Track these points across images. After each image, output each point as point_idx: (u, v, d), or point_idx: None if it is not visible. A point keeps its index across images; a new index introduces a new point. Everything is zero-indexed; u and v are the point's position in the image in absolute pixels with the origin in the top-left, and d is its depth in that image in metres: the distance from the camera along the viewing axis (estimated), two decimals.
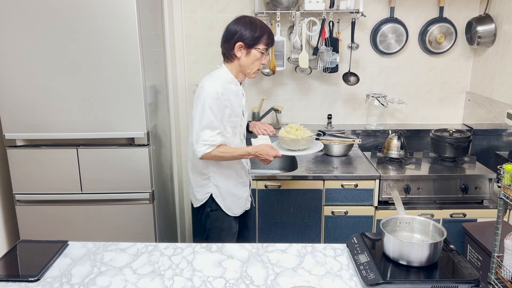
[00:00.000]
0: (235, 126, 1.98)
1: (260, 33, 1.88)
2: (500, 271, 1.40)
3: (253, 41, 1.88)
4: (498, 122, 2.61)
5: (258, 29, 1.88)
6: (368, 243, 1.55)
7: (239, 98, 1.98)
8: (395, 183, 2.47)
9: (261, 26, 1.89)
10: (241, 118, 2.01)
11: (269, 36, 1.91)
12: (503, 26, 2.59)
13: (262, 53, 1.90)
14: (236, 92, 1.96)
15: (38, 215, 2.28)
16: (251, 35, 1.87)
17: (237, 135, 2.01)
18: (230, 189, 2.05)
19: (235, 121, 1.98)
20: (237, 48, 1.89)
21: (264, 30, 1.89)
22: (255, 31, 1.87)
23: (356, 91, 3.01)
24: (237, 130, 2.01)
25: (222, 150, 1.90)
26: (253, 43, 1.88)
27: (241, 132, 2.04)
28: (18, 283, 1.39)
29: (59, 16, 2.02)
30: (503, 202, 1.38)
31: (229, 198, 2.06)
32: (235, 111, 1.95)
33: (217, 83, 1.89)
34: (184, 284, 1.38)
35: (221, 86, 1.88)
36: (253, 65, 1.93)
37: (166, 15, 2.62)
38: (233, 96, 1.94)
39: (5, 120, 2.15)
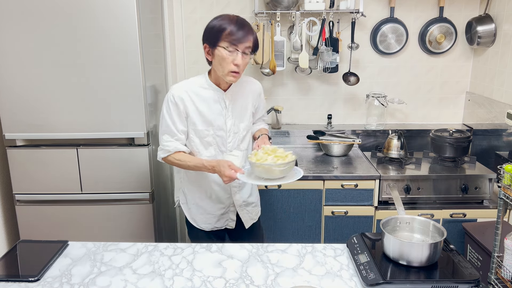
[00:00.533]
0: (202, 136, 1.78)
1: (220, 29, 1.63)
2: (500, 271, 1.40)
3: (213, 39, 1.65)
4: (498, 122, 2.61)
5: (218, 25, 1.64)
6: (368, 243, 1.55)
7: (216, 106, 1.77)
8: (395, 183, 2.47)
9: (222, 21, 1.64)
10: (217, 128, 1.78)
11: (231, 32, 1.62)
12: (503, 26, 2.59)
13: (229, 51, 1.63)
14: (211, 98, 1.76)
15: (38, 215, 2.28)
16: (212, 33, 1.65)
17: (211, 147, 1.80)
18: (196, 200, 1.91)
19: (201, 131, 1.77)
20: (205, 51, 1.71)
21: (224, 25, 1.63)
22: (214, 29, 1.64)
23: (356, 91, 3.01)
24: (209, 141, 1.79)
25: (177, 158, 1.77)
26: (214, 41, 1.65)
27: (219, 144, 1.81)
28: (18, 283, 1.39)
29: (59, 16, 2.02)
30: (503, 202, 1.38)
31: (195, 209, 1.93)
32: (202, 119, 1.75)
33: (180, 86, 1.75)
34: (184, 284, 1.38)
35: (182, 90, 1.74)
36: (222, 66, 1.66)
37: (166, 15, 2.62)
38: (203, 103, 1.75)
39: (5, 120, 2.15)
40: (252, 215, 1.99)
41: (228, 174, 1.64)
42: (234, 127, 1.82)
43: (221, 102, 1.78)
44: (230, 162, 1.67)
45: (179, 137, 1.76)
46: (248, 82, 1.87)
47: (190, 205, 1.94)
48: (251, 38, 1.66)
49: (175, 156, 1.77)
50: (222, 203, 1.91)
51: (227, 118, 1.79)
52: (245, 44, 1.64)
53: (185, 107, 1.74)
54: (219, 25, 1.63)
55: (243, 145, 1.87)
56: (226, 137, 1.81)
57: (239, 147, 1.85)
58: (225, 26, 1.62)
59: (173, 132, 1.75)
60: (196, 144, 1.80)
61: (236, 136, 1.83)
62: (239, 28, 1.63)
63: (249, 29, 1.66)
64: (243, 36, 1.63)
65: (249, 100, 1.86)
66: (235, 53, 1.64)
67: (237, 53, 1.64)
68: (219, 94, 1.77)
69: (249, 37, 1.65)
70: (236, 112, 1.81)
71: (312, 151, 2.90)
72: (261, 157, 1.66)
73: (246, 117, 1.85)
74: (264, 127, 2.03)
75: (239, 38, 1.62)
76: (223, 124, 1.79)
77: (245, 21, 1.68)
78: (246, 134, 1.87)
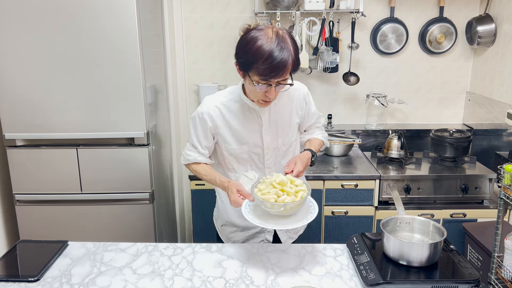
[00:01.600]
0: (235, 154, 1.64)
1: (253, 58, 1.37)
2: (500, 271, 1.39)
3: (243, 66, 1.42)
4: (498, 122, 2.60)
5: (253, 51, 1.36)
6: (368, 243, 1.55)
7: (251, 123, 1.60)
8: (395, 183, 2.47)
9: (258, 49, 1.35)
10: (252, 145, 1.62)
11: (264, 67, 1.35)
12: (503, 26, 2.59)
13: (261, 84, 1.40)
14: (245, 114, 1.59)
15: (38, 215, 2.27)
16: (243, 57, 1.41)
17: (247, 163, 1.66)
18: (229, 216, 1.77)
19: (235, 149, 1.63)
20: (236, 66, 1.49)
21: (259, 54, 1.35)
22: (248, 53, 1.38)
23: (356, 91, 3.00)
24: (244, 157, 1.64)
25: (195, 168, 1.70)
26: (245, 68, 1.42)
27: (255, 161, 1.66)
28: (18, 283, 1.39)
29: (59, 16, 2.02)
30: (503, 202, 1.38)
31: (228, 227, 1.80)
32: (235, 137, 1.61)
33: (212, 100, 1.61)
34: (184, 284, 1.38)
35: (212, 105, 1.60)
36: (252, 94, 1.49)
37: (166, 15, 2.62)
38: (236, 119, 1.59)
39: (5, 120, 2.15)
40: (291, 234, 1.80)
41: (233, 199, 1.48)
42: (273, 143, 1.64)
43: (256, 118, 1.60)
44: (241, 186, 1.51)
45: (200, 151, 1.67)
46: (288, 90, 1.54)
47: (223, 221, 1.81)
48: (288, 68, 1.38)
49: (193, 166, 1.71)
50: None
51: (264, 135, 1.61)
52: (280, 78, 1.40)
53: (214, 124, 1.61)
54: (254, 50, 1.36)
55: (285, 161, 1.67)
56: (264, 154, 1.65)
57: (281, 162, 1.68)
58: (261, 53, 1.35)
59: (195, 145, 1.67)
60: (230, 160, 1.67)
61: (275, 152, 1.66)
62: (276, 58, 1.34)
63: (287, 57, 1.37)
64: (280, 70, 1.36)
65: (291, 112, 1.65)
66: (267, 87, 1.42)
67: (270, 87, 1.42)
68: (254, 110, 1.59)
69: (285, 69, 1.37)
70: (275, 127, 1.62)
71: None
72: (265, 187, 1.45)
73: (287, 131, 1.66)
74: (316, 137, 1.78)
75: (274, 74, 1.37)
76: (260, 141, 1.62)
77: (285, 43, 1.37)
78: (288, 148, 1.69)
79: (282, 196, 1.41)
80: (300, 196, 1.42)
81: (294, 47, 1.40)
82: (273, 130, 1.63)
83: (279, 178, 1.45)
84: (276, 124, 1.63)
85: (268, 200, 1.38)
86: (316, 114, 1.77)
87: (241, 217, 1.69)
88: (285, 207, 1.38)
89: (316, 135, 1.80)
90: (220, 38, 2.91)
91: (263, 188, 1.45)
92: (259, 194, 1.43)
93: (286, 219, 1.43)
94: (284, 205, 1.37)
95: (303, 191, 1.44)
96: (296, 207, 1.41)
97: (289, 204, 1.38)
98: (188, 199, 3.01)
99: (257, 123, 1.61)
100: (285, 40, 1.38)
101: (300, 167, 1.53)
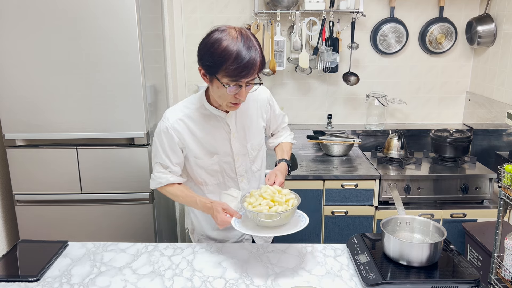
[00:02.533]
0: (206, 166, 1.58)
1: (219, 60, 1.31)
2: (500, 271, 1.39)
3: (210, 69, 1.36)
4: (498, 122, 2.60)
5: (218, 53, 1.31)
6: (368, 243, 1.55)
7: (219, 132, 1.55)
8: (395, 183, 2.47)
9: (225, 48, 1.30)
10: (223, 155, 1.58)
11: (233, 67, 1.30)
12: (503, 26, 2.59)
13: (230, 86, 1.35)
14: (212, 124, 1.54)
15: (38, 215, 2.27)
16: (209, 60, 1.34)
17: (218, 173, 1.61)
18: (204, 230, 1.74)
19: (204, 161, 1.57)
20: (200, 72, 1.42)
21: (226, 55, 1.30)
22: (213, 55, 1.32)
23: (356, 91, 3.00)
24: (215, 169, 1.59)
25: (169, 191, 1.62)
26: (212, 72, 1.36)
27: (226, 170, 1.61)
28: (18, 283, 1.39)
29: (59, 16, 2.02)
30: (503, 202, 1.38)
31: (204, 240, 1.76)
32: (205, 149, 1.56)
33: (174, 114, 1.54)
34: (184, 284, 1.38)
35: (176, 119, 1.52)
36: (221, 98, 1.42)
37: (166, 15, 2.62)
38: (203, 131, 1.54)
39: (5, 120, 2.15)
40: (267, 238, 1.81)
41: (221, 219, 1.44)
42: (242, 149, 1.61)
43: (224, 126, 1.56)
44: (226, 205, 1.47)
45: (172, 169, 1.58)
46: (252, 94, 1.55)
47: (199, 235, 1.78)
48: (257, 66, 1.36)
49: (167, 188, 1.62)
50: (233, 231, 1.71)
51: (233, 142, 1.58)
52: (250, 78, 1.37)
53: (181, 138, 1.54)
54: (220, 52, 1.31)
55: (255, 165, 1.67)
56: (234, 162, 1.61)
57: (251, 169, 1.67)
58: (228, 54, 1.30)
59: (166, 164, 1.57)
60: (200, 174, 1.61)
61: (245, 158, 1.63)
62: (245, 57, 1.31)
63: (255, 52, 1.34)
64: (249, 69, 1.33)
65: (257, 115, 1.64)
66: (237, 88, 1.37)
67: (240, 87, 1.38)
68: (220, 118, 1.55)
69: (255, 67, 1.34)
70: (243, 132, 1.60)
71: (312, 151, 2.90)
72: (255, 200, 1.43)
73: (255, 135, 1.64)
74: (285, 141, 1.78)
75: (244, 74, 1.33)
76: (229, 149, 1.58)
77: (249, 39, 1.35)
78: (257, 153, 1.67)
79: (274, 206, 1.41)
80: (291, 204, 1.43)
81: (258, 44, 1.37)
82: (241, 135, 1.60)
83: (267, 189, 1.45)
84: (243, 128, 1.60)
85: (262, 211, 1.37)
86: (281, 115, 1.77)
87: (215, 229, 1.71)
88: (281, 216, 1.37)
89: (285, 138, 1.79)
90: None
91: (253, 201, 1.43)
92: (250, 207, 1.41)
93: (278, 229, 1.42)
94: (280, 213, 1.37)
95: (293, 199, 1.45)
96: (290, 215, 1.42)
97: (284, 213, 1.38)
98: None
99: (224, 130, 1.56)
100: (250, 39, 1.35)
101: (281, 178, 1.53)
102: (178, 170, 1.60)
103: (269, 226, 1.41)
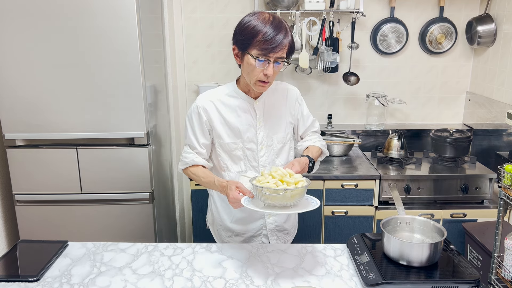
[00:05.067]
0: (229, 150, 1.63)
1: (252, 33, 1.44)
2: (500, 271, 1.39)
3: (243, 43, 1.48)
4: (498, 122, 2.60)
5: (250, 29, 1.45)
6: (368, 243, 1.55)
7: (246, 116, 1.62)
8: (395, 183, 2.47)
9: (256, 23, 1.45)
10: (247, 140, 1.63)
11: (264, 39, 1.43)
12: (503, 26, 2.59)
13: (260, 61, 1.45)
14: (240, 107, 1.61)
15: (38, 215, 2.27)
16: (242, 35, 1.47)
17: (241, 161, 1.65)
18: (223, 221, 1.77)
19: (228, 144, 1.63)
20: (233, 52, 1.55)
21: (257, 29, 1.44)
22: (245, 31, 1.46)
23: (356, 91, 3.00)
24: (238, 155, 1.64)
25: (193, 171, 1.65)
26: (244, 46, 1.48)
27: (249, 158, 1.65)
28: (18, 283, 1.39)
29: (59, 16, 2.02)
30: (503, 202, 1.38)
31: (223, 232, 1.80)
32: (230, 131, 1.62)
33: (205, 96, 1.63)
34: (184, 284, 1.38)
35: (207, 100, 1.62)
36: (250, 75, 1.51)
37: (166, 15, 2.62)
38: (230, 113, 1.61)
39: (5, 120, 2.15)
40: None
41: (232, 196, 1.44)
42: (267, 140, 1.65)
43: (251, 111, 1.62)
44: (240, 183, 1.49)
45: (199, 151, 1.64)
46: (281, 88, 1.69)
47: (217, 226, 1.81)
48: (286, 45, 1.47)
49: (191, 169, 1.66)
50: (252, 225, 1.74)
51: (259, 130, 1.63)
52: (278, 54, 1.46)
53: (209, 118, 1.61)
54: (251, 28, 1.45)
55: (279, 160, 1.69)
56: (258, 150, 1.64)
57: (275, 162, 1.68)
58: (258, 30, 1.43)
59: (193, 145, 1.64)
60: (223, 158, 1.66)
61: (269, 149, 1.66)
62: (274, 34, 1.43)
63: (285, 34, 1.46)
64: (277, 44, 1.43)
65: (284, 109, 1.69)
66: (266, 63, 1.46)
67: (269, 63, 1.47)
68: (248, 103, 1.62)
69: (283, 44, 1.45)
70: (270, 122, 1.64)
71: None
72: (264, 178, 1.42)
73: (281, 128, 1.67)
74: (313, 144, 1.74)
75: (272, 47, 1.43)
76: (254, 136, 1.63)
77: (281, 23, 1.47)
78: (282, 147, 1.69)
79: (282, 185, 1.36)
80: (300, 185, 1.37)
81: (289, 30, 1.49)
82: (267, 126, 1.65)
83: (278, 170, 1.42)
84: (270, 119, 1.65)
85: (267, 187, 1.34)
86: (310, 117, 1.79)
87: (234, 222, 1.74)
88: (285, 193, 1.32)
89: (314, 142, 1.76)
90: (220, 38, 2.91)
91: (262, 179, 1.41)
92: (259, 184, 1.38)
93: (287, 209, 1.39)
94: (285, 189, 1.32)
95: (302, 181, 1.40)
96: (296, 195, 1.36)
97: (290, 190, 1.33)
98: (188, 199, 3.01)
99: (251, 116, 1.63)
100: (281, 22, 1.48)
101: (298, 168, 1.52)
102: (205, 152, 1.66)
103: (274, 204, 1.36)
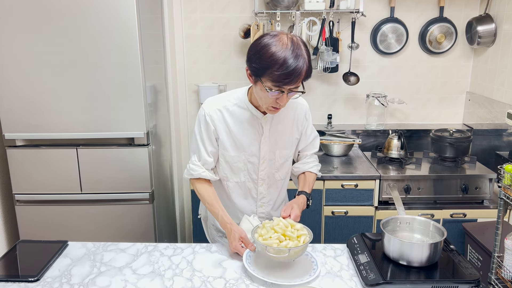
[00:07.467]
0: (232, 162, 1.61)
1: (267, 64, 1.33)
2: (500, 271, 1.39)
3: (256, 71, 1.38)
4: (498, 122, 2.60)
5: (267, 56, 1.33)
6: (368, 243, 1.55)
7: (252, 130, 1.57)
8: (395, 183, 2.47)
9: (274, 53, 1.32)
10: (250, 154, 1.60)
11: (278, 74, 1.32)
12: (503, 26, 2.59)
13: (273, 91, 1.37)
14: (247, 121, 1.56)
15: (38, 215, 2.27)
16: (257, 63, 1.36)
17: (241, 172, 1.63)
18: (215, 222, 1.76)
19: (232, 157, 1.59)
20: (246, 72, 1.45)
21: (274, 60, 1.32)
22: (262, 58, 1.34)
23: (356, 91, 3.00)
24: (239, 166, 1.61)
25: (198, 187, 1.63)
26: (257, 74, 1.38)
27: (250, 171, 1.63)
28: (18, 283, 1.39)
29: (59, 16, 2.02)
30: (503, 202, 1.38)
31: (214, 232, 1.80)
32: (234, 143, 1.58)
33: (213, 103, 1.57)
34: (184, 284, 1.38)
35: (215, 108, 1.56)
36: (262, 100, 1.44)
37: (166, 15, 2.62)
38: (237, 125, 1.56)
39: (5, 120, 2.15)
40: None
41: (234, 246, 1.48)
42: (270, 154, 1.62)
43: (258, 127, 1.58)
44: (244, 233, 1.49)
45: (206, 160, 1.60)
46: (291, 103, 1.57)
47: (209, 225, 1.82)
48: (302, 75, 1.35)
49: (197, 186, 1.63)
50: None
51: (262, 144, 1.60)
52: (293, 85, 1.38)
53: (216, 128, 1.57)
54: (269, 56, 1.33)
55: (279, 174, 1.68)
56: (259, 164, 1.62)
57: (274, 176, 1.67)
58: (276, 59, 1.32)
59: (201, 154, 1.59)
60: (224, 168, 1.64)
61: (271, 163, 1.64)
62: (291, 66, 1.31)
63: (303, 62, 1.34)
64: (293, 78, 1.33)
65: (292, 125, 1.64)
66: (279, 94, 1.38)
67: (282, 94, 1.39)
68: (256, 117, 1.56)
69: (301, 76, 1.35)
70: (274, 137, 1.61)
71: None
72: (266, 232, 1.42)
73: (286, 144, 1.65)
74: (310, 172, 1.75)
75: (287, 81, 1.34)
76: (257, 150, 1.60)
77: (300, 51, 1.34)
78: (284, 162, 1.67)
79: (285, 241, 1.38)
80: (302, 240, 1.39)
81: (307, 54, 1.37)
82: (272, 141, 1.61)
83: (280, 222, 1.44)
84: (275, 135, 1.61)
85: (271, 245, 1.35)
86: (313, 134, 1.75)
87: None
88: (290, 252, 1.34)
89: (311, 168, 1.76)
90: (220, 38, 2.91)
91: (264, 233, 1.42)
92: (261, 239, 1.39)
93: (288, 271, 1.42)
94: (289, 250, 1.34)
95: (305, 235, 1.42)
96: (299, 252, 1.38)
97: (294, 249, 1.35)
98: (188, 199, 3.01)
99: (257, 131, 1.58)
100: (300, 47, 1.35)
101: (297, 211, 1.53)
102: (212, 161, 1.61)
103: (277, 260, 1.39)
